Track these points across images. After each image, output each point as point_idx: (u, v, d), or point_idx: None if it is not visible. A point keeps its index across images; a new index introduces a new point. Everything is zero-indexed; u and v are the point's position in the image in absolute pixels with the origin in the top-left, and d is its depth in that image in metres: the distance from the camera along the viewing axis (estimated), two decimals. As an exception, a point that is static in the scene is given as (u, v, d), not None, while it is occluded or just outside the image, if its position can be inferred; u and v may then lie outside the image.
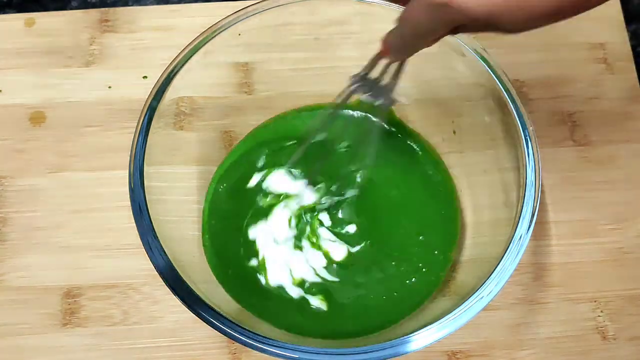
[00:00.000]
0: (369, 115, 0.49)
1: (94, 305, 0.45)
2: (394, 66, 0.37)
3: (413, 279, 0.45)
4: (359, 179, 0.47)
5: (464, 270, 0.44)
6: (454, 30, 0.29)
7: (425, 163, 0.48)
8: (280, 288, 0.44)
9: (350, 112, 0.49)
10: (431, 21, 0.28)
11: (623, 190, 0.49)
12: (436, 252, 0.45)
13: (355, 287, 0.44)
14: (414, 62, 0.47)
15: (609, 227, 0.48)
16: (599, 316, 0.46)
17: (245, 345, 0.35)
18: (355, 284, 0.45)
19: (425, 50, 0.33)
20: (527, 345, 0.45)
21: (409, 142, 0.49)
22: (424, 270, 0.45)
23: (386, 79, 0.39)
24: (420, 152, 0.49)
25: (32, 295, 0.46)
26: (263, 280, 0.44)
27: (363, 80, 0.40)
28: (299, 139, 0.48)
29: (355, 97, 0.42)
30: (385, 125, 0.49)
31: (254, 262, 0.45)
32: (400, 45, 0.33)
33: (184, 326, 0.45)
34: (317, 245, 0.45)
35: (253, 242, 0.45)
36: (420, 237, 0.46)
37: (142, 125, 0.40)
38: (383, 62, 0.37)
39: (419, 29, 0.30)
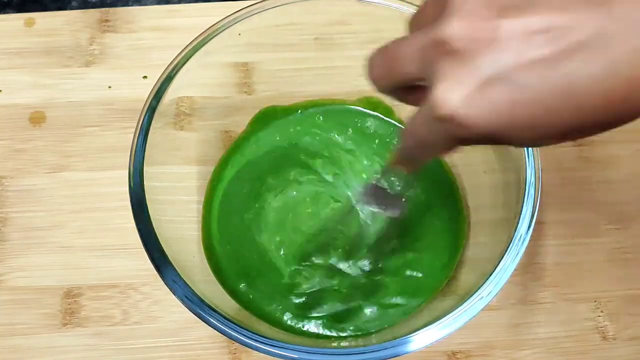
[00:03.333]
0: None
1: (94, 305, 0.45)
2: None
3: (415, 279, 0.45)
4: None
5: (464, 270, 0.44)
6: (462, 143, 0.26)
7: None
8: (281, 288, 0.44)
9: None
10: (434, 136, 0.26)
11: (623, 190, 0.49)
12: (440, 252, 0.45)
13: (357, 288, 0.44)
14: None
15: (609, 227, 0.48)
16: (599, 316, 0.46)
17: (244, 345, 0.35)
18: (357, 284, 0.44)
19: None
20: (527, 345, 0.45)
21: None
22: (427, 270, 0.45)
23: (397, 188, 0.37)
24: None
25: (31, 295, 0.46)
26: (263, 280, 0.44)
27: (374, 190, 0.37)
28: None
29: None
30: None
31: (254, 263, 0.45)
32: (408, 158, 0.32)
33: (184, 326, 0.45)
34: (320, 245, 0.45)
35: (254, 242, 0.46)
36: (424, 237, 0.46)
37: (141, 125, 0.40)
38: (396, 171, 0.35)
39: (423, 144, 0.28)
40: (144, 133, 0.39)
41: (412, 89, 0.28)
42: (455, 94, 0.23)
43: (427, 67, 0.25)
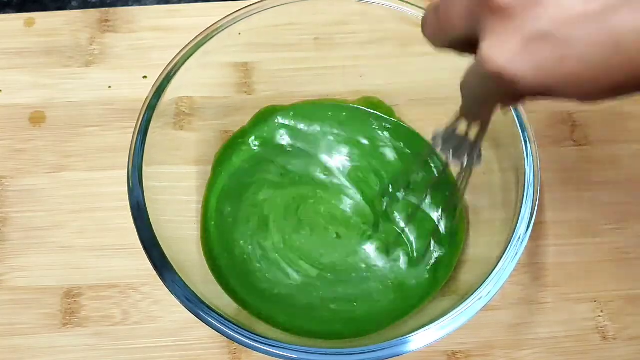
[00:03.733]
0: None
1: (94, 305, 0.45)
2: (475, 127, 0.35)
3: (414, 280, 0.45)
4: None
5: (463, 270, 0.44)
6: (515, 98, 0.27)
7: (427, 163, 0.48)
8: (280, 289, 0.44)
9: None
10: (485, 89, 0.27)
11: (623, 190, 0.49)
12: (440, 252, 0.45)
13: (356, 288, 0.44)
14: (413, 62, 0.47)
15: (609, 227, 0.48)
16: (599, 316, 0.46)
17: (243, 345, 0.35)
18: (356, 284, 0.44)
19: (425, 50, 0.32)
20: (527, 345, 0.45)
21: (409, 142, 0.49)
22: (426, 270, 0.45)
23: (469, 139, 0.36)
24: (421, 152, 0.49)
25: (31, 295, 0.46)
26: (263, 280, 0.44)
27: (446, 139, 0.37)
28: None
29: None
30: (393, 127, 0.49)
31: (254, 262, 0.45)
32: (468, 110, 0.32)
33: (184, 326, 0.45)
34: (318, 244, 0.45)
35: (254, 242, 0.46)
36: (424, 237, 0.46)
37: (140, 124, 0.40)
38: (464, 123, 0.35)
39: (476, 96, 0.29)
40: (142, 133, 0.39)
41: (471, 44, 0.27)
42: (502, 51, 0.24)
43: (476, 24, 0.25)
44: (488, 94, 0.27)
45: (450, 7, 0.27)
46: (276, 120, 0.49)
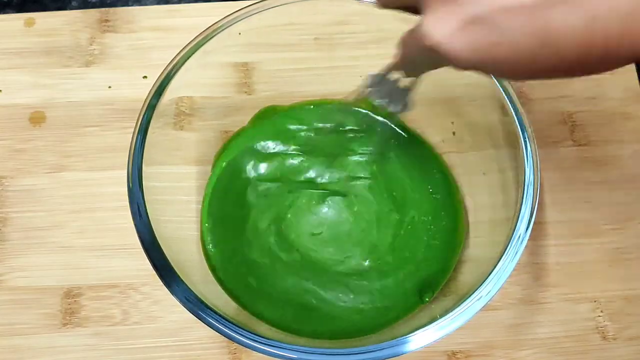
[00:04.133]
0: (378, 118, 0.49)
1: (94, 305, 0.45)
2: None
3: (414, 279, 0.45)
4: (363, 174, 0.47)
5: (463, 270, 0.44)
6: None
7: (427, 163, 0.48)
8: (280, 288, 0.44)
9: (360, 110, 0.49)
10: (421, 57, 0.29)
11: (623, 190, 0.49)
12: (439, 252, 0.45)
13: (356, 287, 0.44)
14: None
15: (609, 227, 0.48)
16: (599, 316, 0.46)
17: (243, 345, 0.35)
18: (356, 284, 0.44)
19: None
20: (527, 345, 0.45)
21: (409, 142, 0.49)
22: (426, 269, 0.45)
23: (402, 84, 0.38)
24: (422, 152, 0.49)
25: (31, 295, 0.46)
26: (262, 280, 0.44)
27: (380, 83, 0.39)
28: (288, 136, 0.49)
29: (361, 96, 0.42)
30: (395, 128, 0.49)
31: (253, 262, 0.45)
32: (404, 65, 0.34)
33: (184, 326, 0.45)
34: (318, 244, 0.45)
35: (253, 242, 0.46)
36: (424, 237, 0.46)
37: (140, 124, 0.40)
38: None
39: (414, 58, 0.30)
40: (142, 133, 0.39)
41: (414, 10, 0.30)
42: (440, 29, 0.25)
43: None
44: (422, 61, 0.30)
45: None
46: (275, 120, 0.49)
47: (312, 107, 0.50)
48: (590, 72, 0.24)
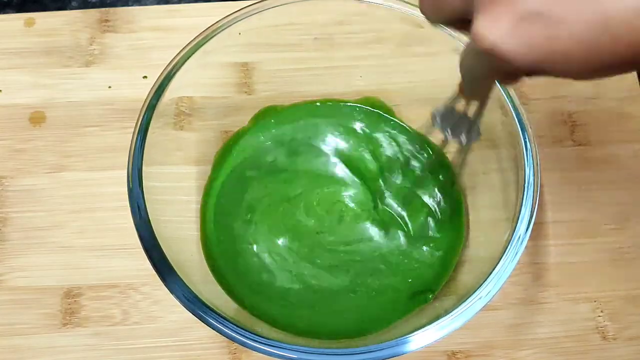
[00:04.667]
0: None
1: (94, 305, 0.45)
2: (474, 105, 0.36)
3: (414, 279, 0.45)
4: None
5: (463, 270, 0.44)
6: (509, 76, 0.28)
7: (429, 163, 0.48)
8: (279, 288, 0.44)
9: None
10: (479, 66, 0.28)
11: (623, 190, 0.49)
12: (440, 251, 0.45)
13: (356, 287, 0.44)
14: (413, 62, 0.47)
15: (609, 227, 0.48)
16: (599, 316, 0.46)
17: (243, 345, 0.35)
18: (356, 284, 0.44)
19: (425, 50, 0.33)
20: (527, 345, 0.45)
21: (411, 143, 0.49)
22: (426, 269, 0.45)
23: (468, 114, 0.37)
24: (423, 152, 0.49)
25: (31, 295, 0.46)
26: (261, 280, 0.44)
27: (444, 117, 0.38)
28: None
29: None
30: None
31: (253, 262, 0.45)
32: (466, 87, 0.34)
33: (184, 326, 0.45)
34: (317, 243, 0.45)
35: (251, 241, 0.46)
36: (425, 238, 0.46)
37: (140, 125, 0.40)
38: (462, 101, 0.36)
39: (474, 73, 0.30)
40: (142, 133, 0.39)
41: (465, 21, 0.28)
42: (494, 29, 0.24)
43: (470, 1, 0.26)
44: (484, 71, 0.29)
45: None
46: (275, 120, 0.49)
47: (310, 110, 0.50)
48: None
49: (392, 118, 0.49)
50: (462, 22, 0.28)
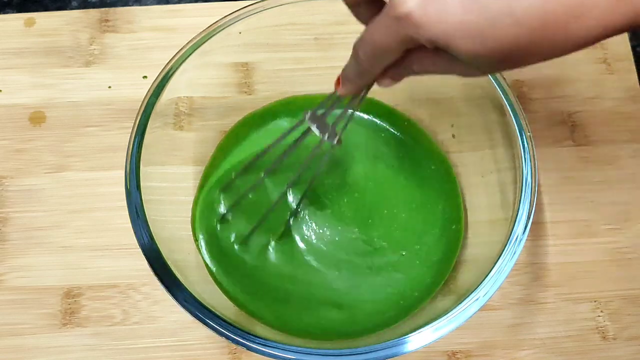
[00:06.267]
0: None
1: (94, 305, 0.46)
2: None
3: (414, 278, 0.45)
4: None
5: (461, 270, 0.44)
6: (410, 63, 0.30)
7: (430, 163, 0.48)
8: (280, 288, 0.44)
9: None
10: (388, 36, 0.29)
11: (623, 190, 0.49)
12: (440, 251, 0.45)
13: (355, 287, 0.44)
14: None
15: (609, 227, 0.48)
16: (599, 316, 0.46)
17: (241, 346, 0.35)
18: (355, 284, 0.44)
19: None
20: (527, 345, 0.45)
21: (411, 143, 0.49)
22: (426, 270, 0.45)
23: (334, 118, 0.39)
24: (423, 152, 0.49)
25: (31, 295, 0.46)
26: (260, 280, 0.44)
27: (315, 118, 0.39)
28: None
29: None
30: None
31: (252, 262, 0.45)
32: (354, 71, 0.34)
33: (184, 326, 0.45)
34: (315, 244, 0.45)
35: (250, 241, 0.45)
36: (424, 237, 0.46)
37: (138, 125, 0.40)
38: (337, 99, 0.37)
39: (375, 46, 0.30)
40: (140, 133, 0.39)
41: (373, 4, 0.31)
42: None
43: None
44: (387, 43, 0.29)
45: None
46: (274, 120, 0.49)
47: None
48: (553, 52, 0.26)
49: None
50: (370, 6, 0.31)
